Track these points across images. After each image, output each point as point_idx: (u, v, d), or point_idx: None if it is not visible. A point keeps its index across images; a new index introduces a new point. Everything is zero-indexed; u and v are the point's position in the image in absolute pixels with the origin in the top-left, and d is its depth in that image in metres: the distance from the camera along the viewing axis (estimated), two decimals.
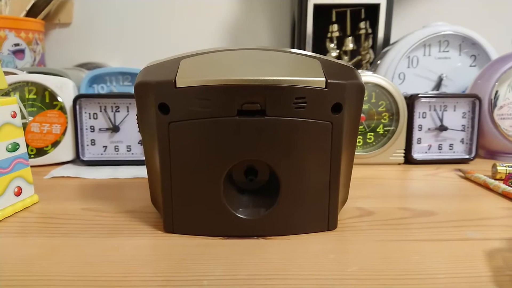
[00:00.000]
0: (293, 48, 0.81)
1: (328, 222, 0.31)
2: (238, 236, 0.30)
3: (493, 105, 0.56)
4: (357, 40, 0.75)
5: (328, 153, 0.29)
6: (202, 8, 0.88)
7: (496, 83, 0.55)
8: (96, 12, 0.88)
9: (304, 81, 0.28)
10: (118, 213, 0.35)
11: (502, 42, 0.69)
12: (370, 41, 0.74)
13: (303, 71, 0.29)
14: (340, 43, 0.75)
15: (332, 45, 0.74)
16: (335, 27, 0.73)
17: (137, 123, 0.31)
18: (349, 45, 0.74)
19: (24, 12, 0.77)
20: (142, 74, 0.29)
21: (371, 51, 0.74)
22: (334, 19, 0.73)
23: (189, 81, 0.27)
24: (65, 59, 0.88)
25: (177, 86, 0.27)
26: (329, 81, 0.28)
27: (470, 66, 0.67)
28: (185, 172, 0.29)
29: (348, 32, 0.74)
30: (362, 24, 0.73)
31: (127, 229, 0.32)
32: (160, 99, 0.28)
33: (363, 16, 0.73)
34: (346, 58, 0.75)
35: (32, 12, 0.79)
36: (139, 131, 0.31)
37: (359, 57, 0.75)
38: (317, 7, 0.71)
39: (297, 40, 0.75)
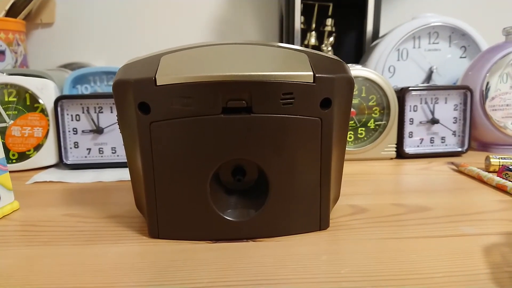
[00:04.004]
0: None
1: (320, 222, 0.30)
2: (227, 239, 0.29)
3: (484, 96, 0.55)
4: (320, 36, 0.73)
5: (318, 150, 0.28)
6: (188, 4, 0.86)
7: (487, 74, 0.55)
8: (80, 11, 0.86)
9: (291, 75, 0.26)
10: (102, 219, 0.34)
11: (491, 32, 0.68)
12: (333, 40, 0.73)
13: (290, 65, 0.27)
14: (303, 36, 0.74)
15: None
16: (301, 18, 0.72)
17: (118, 123, 0.29)
18: (312, 39, 0.73)
19: (4, 12, 0.75)
20: (120, 72, 0.28)
21: (332, 49, 0.73)
22: (301, 10, 0.72)
23: (170, 78, 0.26)
24: (48, 60, 0.85)
25: (158, 83, 0.26)
26: (317, 75, 0.27)
27: (460, 57, 0.66)
28: (169, 174, 0.28)
29: (313, 26, 0.73)
30: (328, 21, 0.72)
31: (111, 236, 0.30)
32: (140, 98, 0.26)
33: (330, 13, 0.72)
34: None
35: (12, 12, 0.76)
36: (120, 132, 0.30)
37: None
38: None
39: (285, 35, 0.74)
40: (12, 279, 0.24)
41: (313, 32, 0.73)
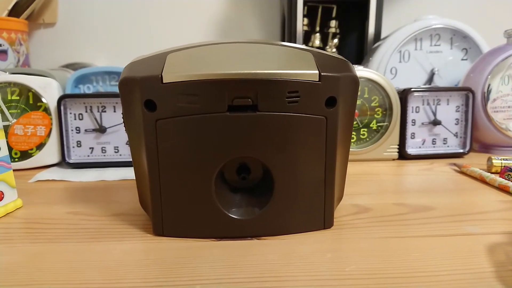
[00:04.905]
0: None
1: (324, 220, 0.30)
2: (231, 237, 0.29)
3: (486, 98, 0.55)
4: (324, 38, 0.74)
5: (323, 149, 0.28)
6: (191, 5, 0.87)
7: (489, 76, 0.55)
8: (82, 11, 0.86)
9: (297, 74, 0.27)
10: (105, 217, 0.34)
11: (493, 35, 0.68)
12: (337, 41, 0.73)
13: (296, 64, 0.27)
14: (307, 38, 0.74)
15: None
16: (304, 20, 0.72)
17: (123, 121, 0.29)
18: (316, 41, 0.73)
19: (6, 12, 0.75)
20: (127, 70, 0.28)
21: (336, 51, 0.73)
22: (305, 12, 0.72)
23: (177, 76, 0.26)
24: (50, 60, 0.86)
25: (164, 81, 0.26)
26: (322, 74, 0.27)
27: (462, 59, 0.67)
28: (174, 171, 0.28)
29: (317, 28, 0.73)
30: (332, 23, 0.72)
31: (115, 233, 0.30)
32: (146, 95, 0.26)
33: (334, 15, 0.72)
34: None
35: (15, 12, 0.77)
36: (125, 130, 0.30)
37: None
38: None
39: (288, 37, 0.74)
40: (17, 276, 0.24)
41: (318, 34, 0.73)
